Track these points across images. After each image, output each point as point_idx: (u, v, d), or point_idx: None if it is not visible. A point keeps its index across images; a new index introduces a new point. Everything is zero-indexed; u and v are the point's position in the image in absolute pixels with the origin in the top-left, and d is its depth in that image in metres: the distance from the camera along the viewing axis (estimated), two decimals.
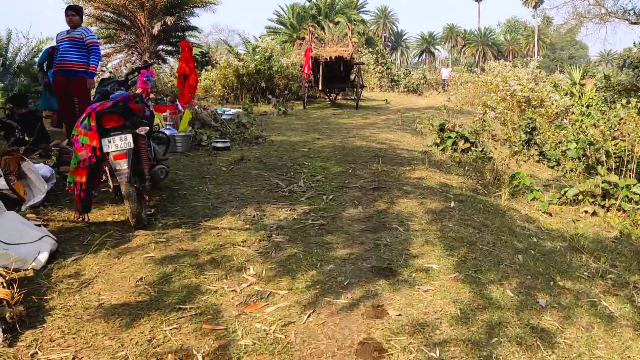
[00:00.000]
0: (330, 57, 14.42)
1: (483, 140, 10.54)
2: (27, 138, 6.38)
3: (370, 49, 29.48)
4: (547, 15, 76.92)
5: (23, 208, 4.29)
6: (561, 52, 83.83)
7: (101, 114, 3.79)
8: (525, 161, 10.97)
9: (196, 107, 9.26)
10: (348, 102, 17.91)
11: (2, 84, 15.47)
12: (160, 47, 21.95)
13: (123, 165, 3.79)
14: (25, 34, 21.87)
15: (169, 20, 18.93)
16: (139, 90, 13.60)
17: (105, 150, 3.81)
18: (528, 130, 10.98)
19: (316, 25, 32.15)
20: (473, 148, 9.19)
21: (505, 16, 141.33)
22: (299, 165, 6.89)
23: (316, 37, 28.32)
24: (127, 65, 20.50)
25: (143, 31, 19.69)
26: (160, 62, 23.15)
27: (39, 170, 4.42)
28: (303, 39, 30.11)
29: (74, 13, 6.57)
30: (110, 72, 16.33)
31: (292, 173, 6.41)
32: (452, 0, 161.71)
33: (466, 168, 7.56)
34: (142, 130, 3.98)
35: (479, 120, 13.50)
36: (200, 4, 20.36)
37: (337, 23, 34.10)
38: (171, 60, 23.83)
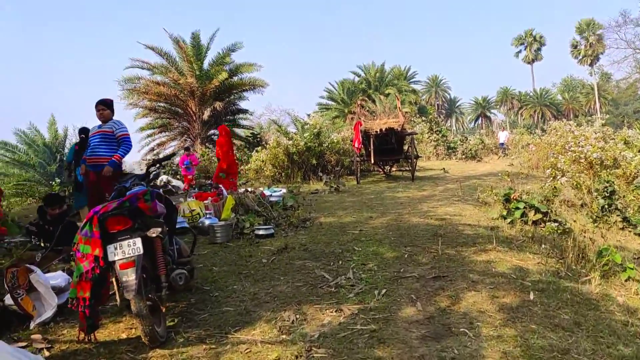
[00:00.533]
0: (381, 130, 13.94)
1: (556, 209, 9.47)
2: (42, 244, 6.02)
3: (424, 118, 29.06)
4: (605, 71, 75.33)
5: (32, 325, 3.77)
6: (625, 107, 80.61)
7: (105, 217, 3.28)
8: (607, 229, 9.76)
9: (240, 190, 8.83)
10: (403, 174, 17.22)
11: (59, 180, 15.84)
12: (212, 131, 22.36)
13: (130, 275, 3.22)
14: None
15: (218, 105, 19.31)
16: (166, 180, 13.49)
17: (110, 258, 3.27)
18: (607, 194, 9.84)
19: (366, 98, 32.26)
20: (546, 219, 8.19)
21: (560, 75, 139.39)
22: (348, 251, 6.16)
23: (367, 110, 28.34)
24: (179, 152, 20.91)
25: (194, 118, 20.12)
26: (211, 147, 23.55)
27: (49, 281, 3.92)
28: (354, 113, 30.20)
29: (104, 107, 6.36)
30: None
31: (340, 262, 5.68)
32: (503, 64, 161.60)
33: (542, 244, 6.58)
34: (154, 232, 3.43)
35: (548, 186, 12.42)
36: (248, 88, 20.75)
37: (387, 95, 34.14)
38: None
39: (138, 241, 3.30)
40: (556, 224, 8.14)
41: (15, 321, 3.84)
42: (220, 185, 9.87)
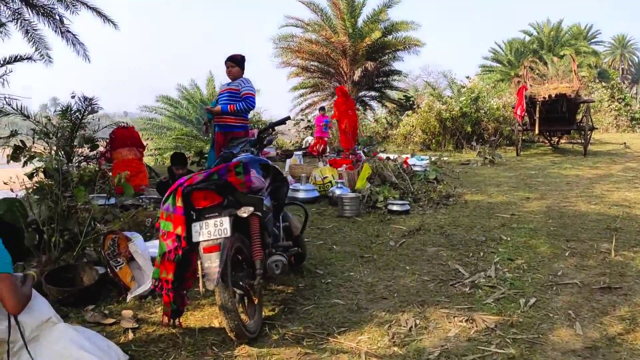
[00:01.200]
0: (550, 96, 12.17)
1: None
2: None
3: (605, 83, 25.43)
4: None
5: (128, 298, 3.55)
6: None
7: (190, 190, 2.83)
8: None
9: (378, 155, 8.15)
10: (574, 147, 15.12)
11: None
12: (363, 93, 21.74)
13: (214, 261, 2.74)
14: None
15: (370, 65, 18.51)
16: (312, 142, 13.16)
17: (194, 239, 2.82)
18: None
19: (537, 60, 29.13)
20: None
21: None
22: (493, 240, 5.20)
23: (537, 73, 25.58)
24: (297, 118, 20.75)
25: (345, 78, 19.61)
26: (365, 108, 22.97)
27: (148, 251, 3.65)
28: (520, 75, 27.49)
29: (232, 64, 6.01)
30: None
31: (481, 253, 4.77)
32: None
33: None
34: (245, 211, 2.91)
35: None
36: (402, 48, 19.61)
37: (562, 57, 30.50)
38: (376, 106, 23.49)
39: (226, 221, 2.81)
40: None
41: (113, 292, 3.66)
42: (360, 151, 9.28)
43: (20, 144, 5.54)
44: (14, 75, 9.35)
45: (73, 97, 7.98)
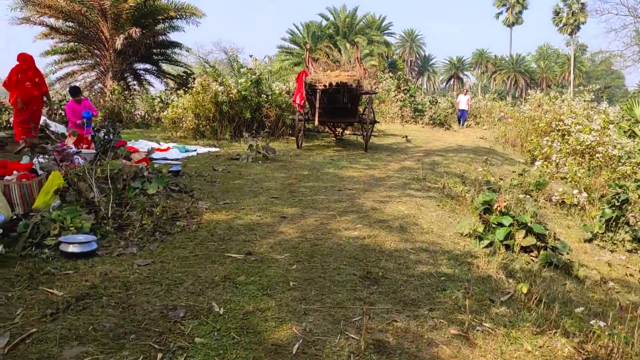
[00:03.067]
0: (330, 84, 10.88)
1: (552, 228, 6.84)
2: None
3: (392, 74, 25.95)
4: (581, 43, 73.07)
5: None
6: (597, 81, 79.29)
7: None
8: (612, 251, 7.20)
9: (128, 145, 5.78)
10: (357, 139, 14.33)
11: None
12: (137, 65, 18.71)
13: None
14: None
15: (135, 32, 15.45)
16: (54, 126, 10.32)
17: None
18: (617, 204, 7.22)
19: (332, 46, 28.86)
20: (540, 244, 5.48)
21: (538, 43, 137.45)
22: (196, 313, 3.27)
23: (332, 60, 25.07)
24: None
25: (107, 45, 16.39)
26: (141, 83, 19.92)
27: None
28: (317, 60, 26.85)
29: None
30: None
31: (152, 353, 2.79)
32: (482, 26, 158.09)
33: (540, 300, 3.83)
34: None
35: (534, 174, 9.79)
36: (176, 15, 17.02)
37: (354, 44, 30.70)
38: (155, 81, 20.51)
39: None
40: (552, 251, 5.47)
41: None
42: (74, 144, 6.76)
43: None
44: None
45: None
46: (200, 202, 6.10)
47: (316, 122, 11.45)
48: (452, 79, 79.27)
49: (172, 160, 9.28)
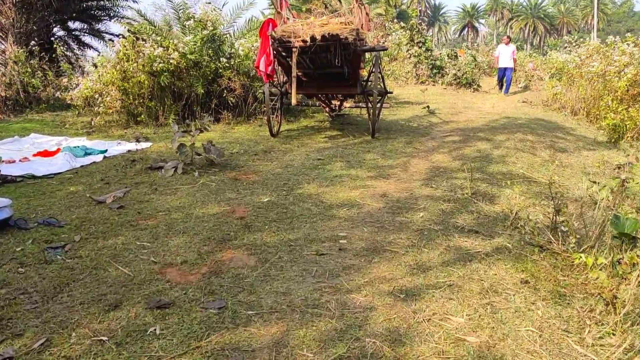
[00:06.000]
0: (314, 38, 6.79)
1: None
2: None
3: (403, 24, 21.48)
4: None
5: None
6: (618, 24, 73.50)
7: None
8: None
9: None
10: (362, 113, 10.34)
11: None
12: (76, 24, 14.64)
13: None
14: None
15: None
16: None
17: None
18: None
19: None
20: None
21: None
22: None
23: (330, 10, 20.67)
24: None
25: None
26: (80, 46, 15.78)
27: None
28: (311, 11, 22.38)
29: None
30: None
31: None
32: None
33: None
34: None
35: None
36: None
37: None
38: (99, 45, 16.13)
39: None
40: None
41: None
42: None
43: None
44: None
45: None
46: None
47: (293, 101, 7.35)
48: (466, 29, 73.72)
49: (45, 173, 5.44)
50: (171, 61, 8.56)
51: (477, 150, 7.42)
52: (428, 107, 11.41)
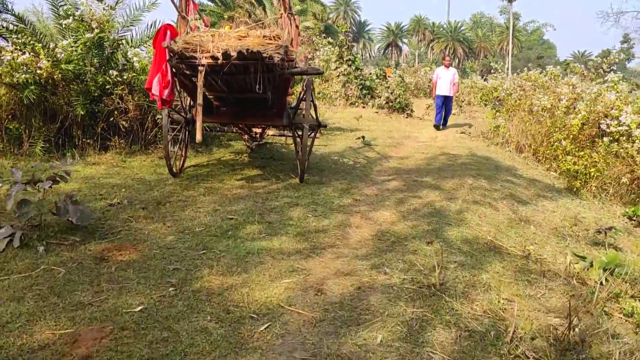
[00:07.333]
0: (227, 56, 5.04)
1: None
2: None
3: (332, 39, 20.14)
4: (515, 12, 70.03)
5: None
6: (529, 51, 77.09)
7: None
8: None
9: None
10: (288, 142, 8.70)
11: None
12: None
13: None
14: None
15: None
16: None
17: None
18: None
19: (254, 1, 22.69)
20: None
21: (477, 9, 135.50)
22: None
23: (254, 20, 19.03)
24: None
25: None
26: None
27: None
28: (233, 19, 20.59)
29: None
30: None
31: None
32: None
33: None
34: None
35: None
36: None
37: None
38: None
39: None
40: None
41: None
42: None
43: None
44: None
45: None
46: None
47: (198, 136, 5.51)
48: (390, 47, 74.47)
49: None
50: (38, 71, 6.50)
51: (427, 203, 5.98)
52: (363, 137, 9.95)
